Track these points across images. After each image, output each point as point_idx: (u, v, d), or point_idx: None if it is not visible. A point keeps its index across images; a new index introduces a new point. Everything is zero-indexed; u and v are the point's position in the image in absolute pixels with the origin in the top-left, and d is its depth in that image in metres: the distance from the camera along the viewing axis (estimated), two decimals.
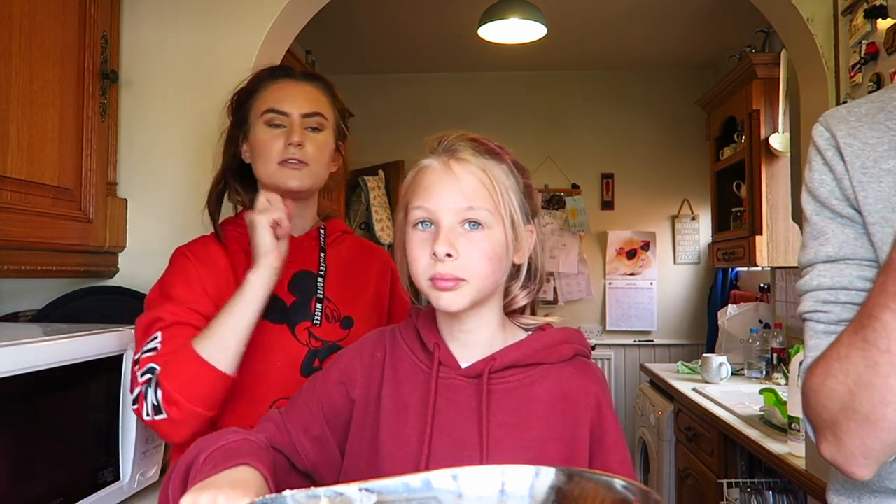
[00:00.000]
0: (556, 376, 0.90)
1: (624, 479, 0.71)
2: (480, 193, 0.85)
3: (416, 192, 0.87)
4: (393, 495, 0.74)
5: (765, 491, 2.13)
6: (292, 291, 1.28)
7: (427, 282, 0.85)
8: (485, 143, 0.90)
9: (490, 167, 0.87)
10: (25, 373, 1.08)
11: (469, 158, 0.87)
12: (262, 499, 0.71)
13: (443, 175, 0.86)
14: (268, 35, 1.73)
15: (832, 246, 0.84)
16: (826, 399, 0.79)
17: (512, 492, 0.74)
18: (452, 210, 0.84)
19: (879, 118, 0.86)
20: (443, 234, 0.83)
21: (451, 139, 0.89)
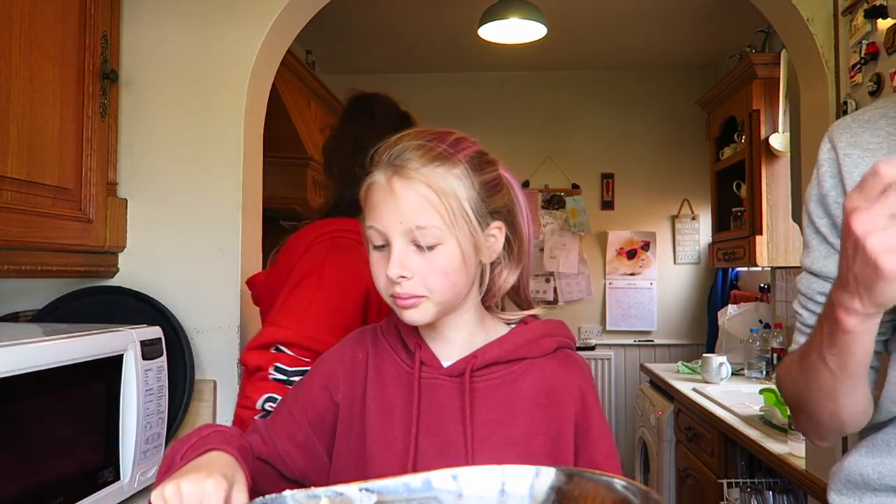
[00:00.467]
0: (540, 371, 0.90)
1: (624, 479, 0.71)
2: (426, 211, 0.82)
3: (367, 210, 0.86)
4: (393, 495, 0.74)
5: (765, 491, 2.13)
6: None
7: (389, 298, 0.86)
8: (432, 148, 0.84)
9: (436, 178, 0.83)
10: (25, 373, 1.08)
11: (413, 174, 0.82)
12: (263, 499, 0.72)
13: (386, 195, 0.83)
14: (268, 35, 1.72)
15: (810, 259, 0.94)
16: (786, 394, 0.97)
17: (512, 492, 0.74)
18: (400, 231, 0.82)
19: (881, 124, 0.89)
20: (394, 256, 0.82)
21: (396, 148, 0.85)
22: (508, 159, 3.73)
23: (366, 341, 0.95)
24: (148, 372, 1.37)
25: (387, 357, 0.93)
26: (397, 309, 0.86)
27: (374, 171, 0.86)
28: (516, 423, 0.87)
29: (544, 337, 0.92)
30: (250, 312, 1.72)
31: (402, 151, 0.84)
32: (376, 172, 0.85)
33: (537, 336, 0.92)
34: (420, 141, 0.85)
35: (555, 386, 0.89)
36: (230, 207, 1.70)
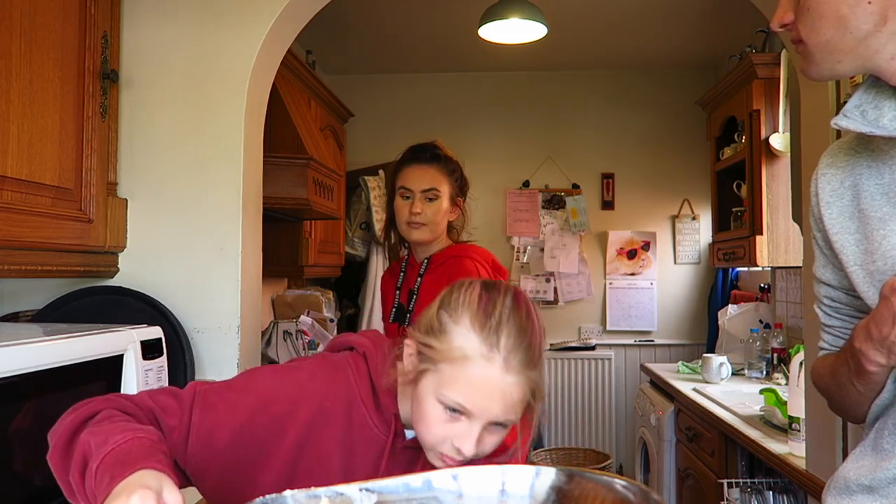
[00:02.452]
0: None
1: (624, 480, 0.71)
2: (518, 408, 0.86)
3: (457, 384, 0.85)
4: (393, 495, 0.74)
5: (765, 491, 2.13)
6: (406, 301, 1.85)
7: (434, 451, 0.88)
8: (536, 345, 0.87)
9: (535, 378, 0.87)
10: (25, 373, 1.08)
11: (521, 373, 0.85)
12: (263, 499, 0.71)
13: (494, 388, 0.84)
14: (268, 35, 1.72)
15: (815, 266, 1.08)
16: (820, 391, 1.11)
17: (512, 492, 0.74)
18: (490, 420, 0.85)
19: (853, 144, 1.00)
20: (475, 439, 0.85)
21: (509, 343, 0.85)
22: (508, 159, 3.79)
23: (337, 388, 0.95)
24: (148, 372, 1.37)
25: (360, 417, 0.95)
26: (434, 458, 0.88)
27: (472, 344, 0.85)
28: None
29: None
30: (251, 312, 1.72)
31: (513, 345, 0.85)
32: (480, 355, 0.84)
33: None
34: (527, 338, 0.86)
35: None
36: (230, 207, 1.70)
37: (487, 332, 0.85)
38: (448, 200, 1.87)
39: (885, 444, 0.94)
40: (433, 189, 1.84)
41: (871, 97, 0.92)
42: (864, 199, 0.96)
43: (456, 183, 1.90)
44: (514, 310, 0.87)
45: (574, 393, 4.38)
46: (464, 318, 0.87)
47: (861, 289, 0.96)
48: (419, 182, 1.85)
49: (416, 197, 1.83)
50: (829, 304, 1.07)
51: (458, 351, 0.85)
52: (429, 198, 1.83)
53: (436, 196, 1.84)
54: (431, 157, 1.89)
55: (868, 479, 0.94)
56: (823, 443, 1.71)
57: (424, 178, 1.85)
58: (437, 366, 0.87)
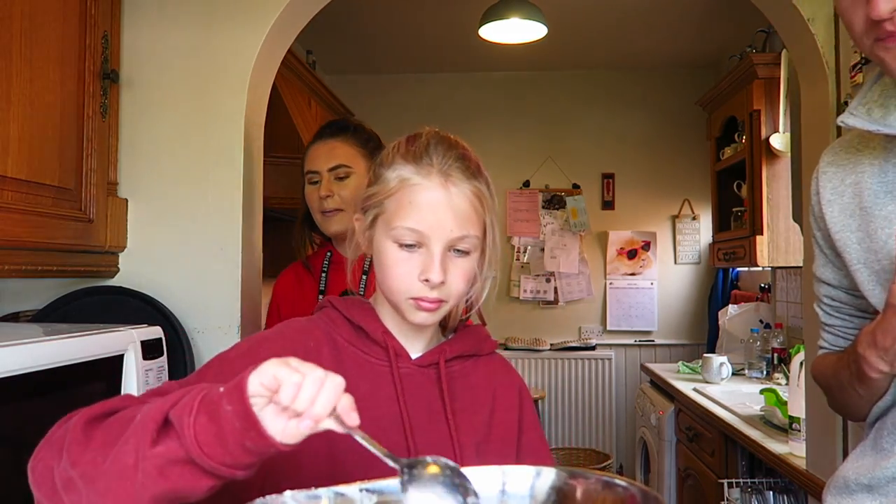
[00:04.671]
0: (486, 367, 0.98)
1: (624, 480, 0.71)
2: (473, 220, 0.86)
3: (403, 210, 0.85)
4: (394, 495, 0.74)
5: (765, 491, 2.13)
6: None
7: (407, 300, 0.86)
8: (470, 158, 0.88)
9: (479, 188, 0.87)
10: (25, 373, 1.08)
11: (464, 183, 0.86)
12: (263, 499, 0.71)
13: (439, 200, 0.84)
14: (268, 35, 1.72)
15: (815, 265, 1.09)
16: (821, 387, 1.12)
17: (513, 492, 0.74)
18: (446, 238, 0.84)
19: (853, 142, 1.00)
20: (436, 262, 0.84)
21: (441, 157, 0.86)
22: (509, 159, 3.77)
23: (314, 332, 0.91)
24: (148, 372, 1.37)
25: (344, 350, 0.91)
26: (411, 311, 0.86)
27: (406, 171, 0.86)
28: (477, 410, 0.94)
29: (486, 339, 1.00)
30: (251, 312, 1.72)
31: (444, 157, 0.86)
32: (416, 174, 0.85)
33: (484, 336, 1.00)
34: (458, 150, 0.88)
35: (500, 381, 0.98)
36: (231, 207, 1.70)
37: (418, 155, 0.86)
38: (365, 176, 1.64)
39: (885, 444, 0.94)
40: (342, 166, 1.57)
41: (877, 95, 0.92)
42: (866, 197, 0.95)
43: (374, 154, 1.56)
44: (440, 136, 0.89)
45: (574, 393, 4.38)
46: (395, 158, 0.88)
47: (865, 288, 0.96)
48: (325, 159, 1.58)
49: (323, 177, 1.57)
50: (829, 304, 1.07)
51: (395, 181, 0.86)
52: (339, 176, 1.57)
53: (347, 173, 1.57)
54: (336, 130, 1.62)
55: (867, 479, 0.95)
56: (824, 443, 1.71)
57: (331, 153, 1.59)
58: (382, 205, 0.87)
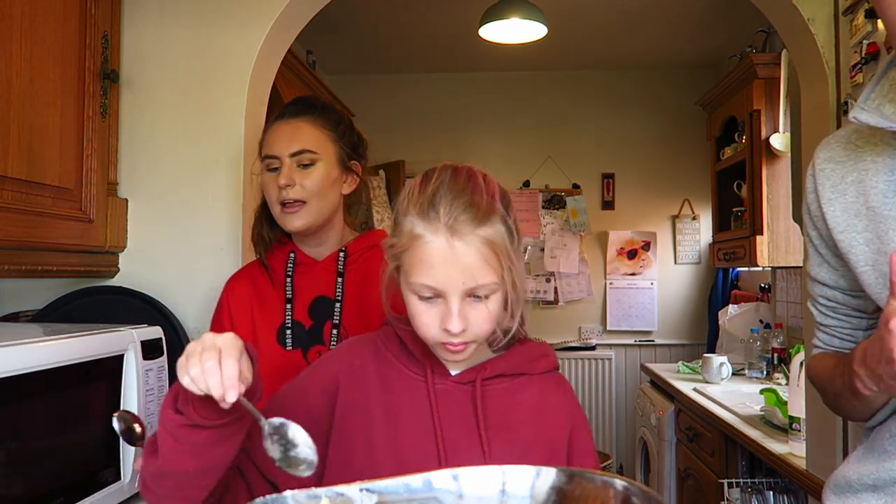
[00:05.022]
0: (537, 387, 0.98)
1: (624, 480, 0.71)
2: (484, 269, 0.85)
3: (416, 267, 0.86)
4: (394, 496, 0.74)
5: (765, 491, 2.13)
6: (311, 316, 1.36)
7: (436, 344, 0.89)
8: (478, 202, 0.86)
9: (490, 235, 0.86)
10: (26, 373, 1.08)
11: (470, 235, 0.84)
12: (263, 499, 0.72)
13: (447, 257, 0.84)
14: (268, 35, 1.72)
15: (809, 264, 1.06)
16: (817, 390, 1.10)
17: (513, 492, 0.74)
18: (460, 291, 0.85)
19: (852, 138, 0.97)
20: (454, 312, 0.85)
21: (442, 203, 0.85)
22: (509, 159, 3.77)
23: (364, 349, 0.98)
24: (149, 372, 1.37)
25: (390, 365, 0.97)
26: (441, 353, 0.90)
27: (417, 226, 0.86)
28: (517, 429, 0.94)
29: (541, 357, 1.00)
30: None
31: (451, 208, 0.85)
32: (425, 230, 0.85)
33: (536, 356, 0.99)
34: (465, 197, 0.86)
35: (551, 403, 0.98)
36: (231, 207, 1.70)
37: (426, 206, 0.85)
38: (333, 166, 1.34)
39: (888, 446, 0.94)
40: (307, 151, 1.31)
41: (886, 90, 0.89)
42: (873, 197, 0.92)
43: (344, 139, 1.37)
44: (452, 178, 0.88)
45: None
46: (408, 205, 0.88)
47: (872, 290, 0.93)
48: (285, 143, 1.32)
49: (284, 164, 1.31)
50: (825, 304, 1.05)
51: (407, 236, 0.86)
52: (302, 163, 1.31)
53: (312, 160, 1.32)
54: (302, 109, 1.36)
55: (872, 479, 0.94)
56: (824, 443, 1.72)
57: (294, 136, 1.32)
58: (401, 258, 0.88)
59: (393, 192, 4.37)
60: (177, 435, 0.79)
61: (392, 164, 4.42)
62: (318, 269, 1.37)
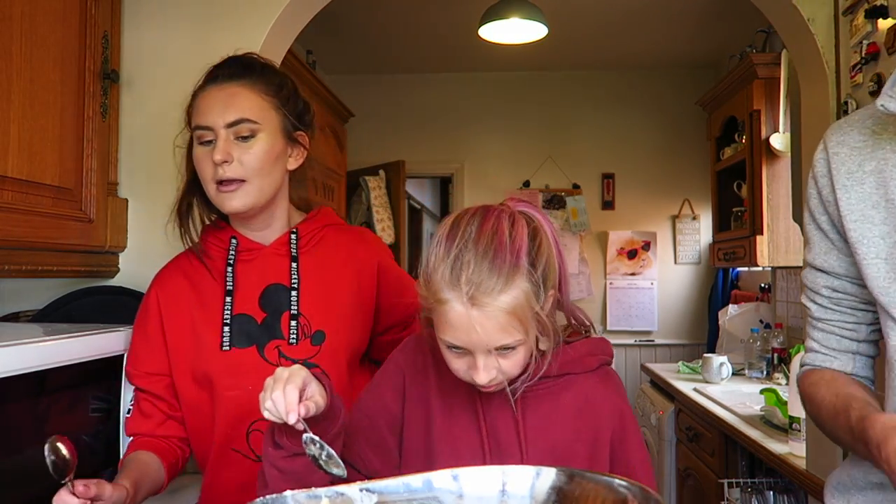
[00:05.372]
0: (581, 386, 0.99)
1: (624, 479, 0.71)
2: (506, 333, 0.86)
3: (443, 327, 0.88)
4: (394, 495, 0.74)
5: (765, 491, 2.13)
6: (263, 308, 1.20)
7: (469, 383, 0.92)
8: (500, 265, 0.85)
9: (510, 302, 0.85)
10: (25, 373, 1.08)
11: (490, 305, 0.84)
12: (263, 499, 0.72)
13: (470, 325, 0.85)
14: (268, 35, 1.72)
15: (812, 255, 1.01)
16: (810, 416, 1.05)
17: (513, 492, 0.74)
18: (484, 349, 0.87)
19: (868, 123, 0.95)
20: (481, 368, 0.88)
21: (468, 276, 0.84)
22: (509, 159, 3.75)
23: (426, 346, 1.02)
24: None
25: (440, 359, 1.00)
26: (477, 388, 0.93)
27: (443, 289, 0.86)
28: (558, 429, 0.96)
29: (587, 356, 1.01)
30: None
31: (472, 276, 0.85)
32: (450, 295, 0.85)
33: (581, 355, 1.00)
34: (487, 261, 0.85)
35: (594, 400, 0.99)
36: None
37: (450, 271, 0.86)
38: (277, 138, 1.17)
39: None
40: (245, 120, 1.14)
41: None
42: (893, 189, 0.89)
43: (288, 105, 1.20)
44: (477, 234, 0.87)
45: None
46: (435, 261, 0.88)
47: (880, 283, 0.90)
48: (219, 111, 1.14)
49: (219, 136, 1.13)
50: (828, 296, 0.99)
51: (433, 296, 0.87)
52: (241, 135, 1.14)
53: (252, 132, 1.14)
54: (238, 70, 1.18)
55: (878, 477, 0.93)
56: (824, 443, 1.71)
57: (229, 103, 1.14)
58: (431, 313, 0.90)
59: (393, 192, 4.37)
60: (280, 466, 0.88)
61: (392, 164, 4.43)
62: (266, 255, 1.21)
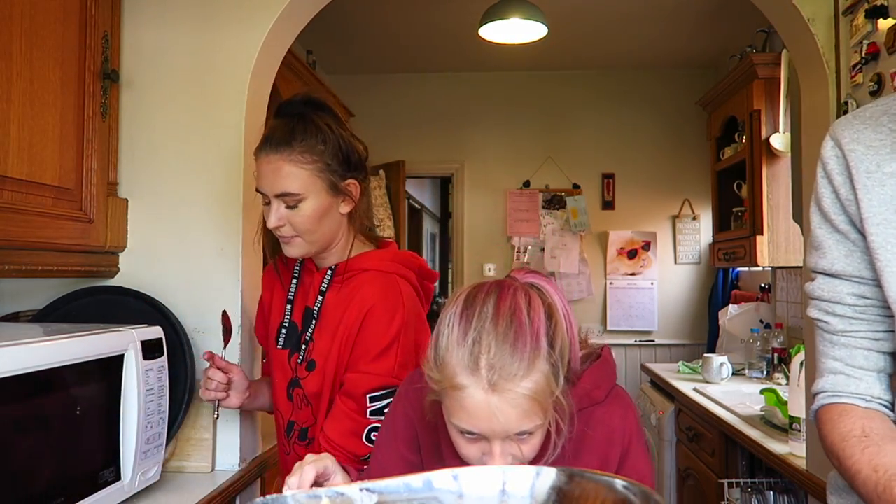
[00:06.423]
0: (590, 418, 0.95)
1: (624, 479, 0.71)
2: (528, 419, 0.84)
3: (458, 413, 0.85)
4: (394, 495, 0.74)
5: (766, 491, 2.13)
6: (301, 322, 1.39)
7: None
8: (521, 349, 0.83)
9: (533, 387, 0.83)
10: (26, 373, 1.08)
11: (511, 390, 0.82)
12: (263, 499, 0.72)
13: (489, 413, 0.82)
14: (269, 35, 1.72)
15: (828, 260, 0.91)
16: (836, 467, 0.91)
17: (513, 492, 0.74)
18: (502, 436, 0.85)
19: (882, 121, 0.89)
20: (497, 455, 0.85)
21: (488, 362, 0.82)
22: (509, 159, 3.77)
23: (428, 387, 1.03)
24: (149, 372, 1.37)
25: None
26: None
27: (459, 375, 0.83)
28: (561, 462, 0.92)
29: (594, 390, 0.97)
30: (251, 312, 1.72)
31: (492, 362, 0.82)
32: (467, 381, 0.83)
33: (586, 392, 0.96)
34: (508, 345, 0.83)
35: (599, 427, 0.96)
36: (231, 207, 1.70)
37: (468, 355, 0.83)
38: (322, 197, 1.29)
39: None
40: (289, 194, 1.27)
41: None
42: None
43: (332, 164, 1.30)
44: (494, 317, 0.85)
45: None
46: (450, 344, 0.85)
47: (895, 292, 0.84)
48: (269, 182, 1.28)
49: (272, 202, 1.30)
50: (854, 304, 0.89)
51: (448, 381, 0.84)
52: (288, 205, 1.28)
53: (297, 201, 1.28)
54: (279, 141, 1.28)
55: None
56: None
57: (275, 177, 1.27)
58: (442, 396, 0.87)
59: (393, 192, 4.37)
60: None
61: (392, 164, 4.43)
62: (315, 280, 1.38)
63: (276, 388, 1.42)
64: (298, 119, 1.31)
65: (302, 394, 1.35)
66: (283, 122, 1.31)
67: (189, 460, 1.63)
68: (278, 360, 1.40)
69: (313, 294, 1.37)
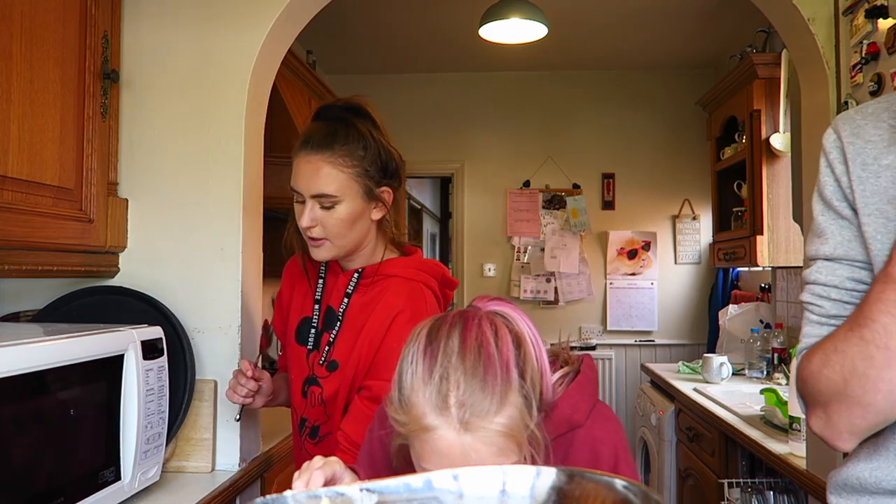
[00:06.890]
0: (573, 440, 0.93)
1: (625, 479, 0.71)
2: (504, 452, 0.81)
3: (429, 457, 0.81)
4: (394, 495, 0.74)
5: (766, 491, 2.13)
6: (323, 322, 1.40)
7: None
8: (492, 383, 0.80)
9: (506, 422, 0.80)
10: (26, 373, 1.08)
11: (484, 427, 0.78)
12: (263, 499, 0.72)
13: (461, 451, 0.79)
14: (269, 35, 1.72)
15: (830, 246, 0.92)
16: (822, 385, 0.87)
17: (513, 492, 0.74)
18: None
19: (883, 117, 0.91)
20: None
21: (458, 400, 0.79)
22: (509, 159, 3.78)
23: None
24: (149, 372, 1.37)
25: None
26: None
27: (428, 416, 0.80)
28: None
29: (573, 414, 0.94)
30: (251, 312, 1.72)
31: (462, 399, 0.79)
32: (436, 422, 0.79)
33: (564, 418, 0.93)
34: (478, 380, 0.80)
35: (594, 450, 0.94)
36: (231, 207, 1.70)
37: (435, 393, 0.80)
38: (357, 202, 1.31)
39: None
40: (326, 195, 1.29)
41: None
42: None
43: (368, 172, 1.32)
44: (461, 352, 0.81)
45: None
46: (415, 383, 0.81)
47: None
48: (307, 181, 1.29)
49: (307, 202, 1.31)
50: (852, 289, 0.89)
51: (416, 423, 0.80)
52: (324, 206, 1.30)
53: (333, 203, 1.29)
54: (321, 142, 1.30)
55: (891, 484, 0.88)
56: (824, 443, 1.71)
57: (314, 177, 1.29)
58: (410, 440, 0.84)
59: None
60: None
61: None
62: (340, 281, 1.39)
63: (292, 383, 1.44)
64: (341, 123, 1.33)
65: (318, 392, 1.36)
66: (324, 124, 1.34)
67: (189, 460, 1.63)
68: (295, 356, 1.42)
69: (337, 295, 1.37)
